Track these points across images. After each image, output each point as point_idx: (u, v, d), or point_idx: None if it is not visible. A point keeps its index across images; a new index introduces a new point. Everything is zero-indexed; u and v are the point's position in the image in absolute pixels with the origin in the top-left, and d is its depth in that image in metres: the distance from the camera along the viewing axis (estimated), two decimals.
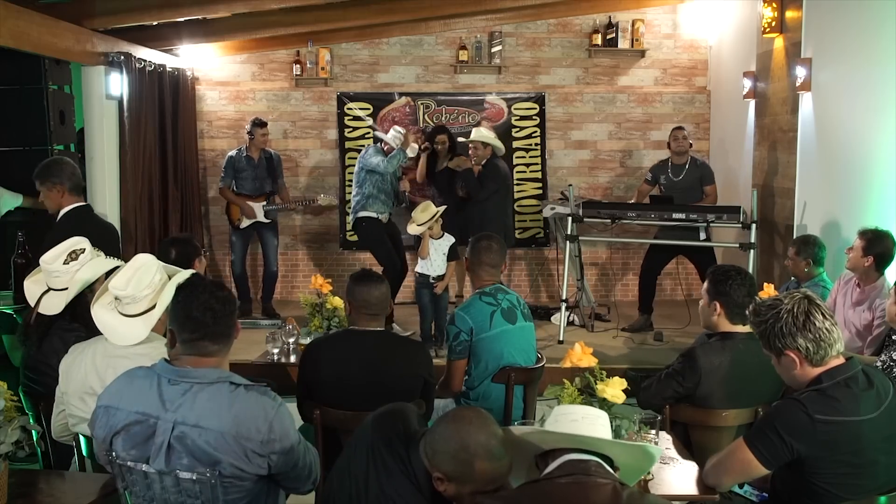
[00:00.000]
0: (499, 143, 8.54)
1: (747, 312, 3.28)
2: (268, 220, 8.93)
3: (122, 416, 2.88)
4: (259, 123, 8.81)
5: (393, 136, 8.29)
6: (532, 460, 2.73)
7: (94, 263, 4.06)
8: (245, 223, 8.85)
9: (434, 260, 7.44)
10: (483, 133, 8.45)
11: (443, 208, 7.55)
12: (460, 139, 8.99)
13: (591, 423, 2.64)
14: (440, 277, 7.47)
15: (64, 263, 4.02)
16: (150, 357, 3.27)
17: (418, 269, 7.57)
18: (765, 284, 5.62)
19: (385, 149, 8.32)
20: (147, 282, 3.62)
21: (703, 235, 7.85)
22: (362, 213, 8.34)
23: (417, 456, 2.70)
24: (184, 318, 2.92)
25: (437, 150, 8.81)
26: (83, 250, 4.08)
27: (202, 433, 2.80)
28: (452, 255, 7.51)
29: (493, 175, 8.45)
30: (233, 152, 8.90)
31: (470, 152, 8.41)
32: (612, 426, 2.85)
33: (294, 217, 10.01)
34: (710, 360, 3.92)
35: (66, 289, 4.00)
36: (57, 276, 4.02)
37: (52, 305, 4.03)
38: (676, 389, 3.96)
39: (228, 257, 9.35)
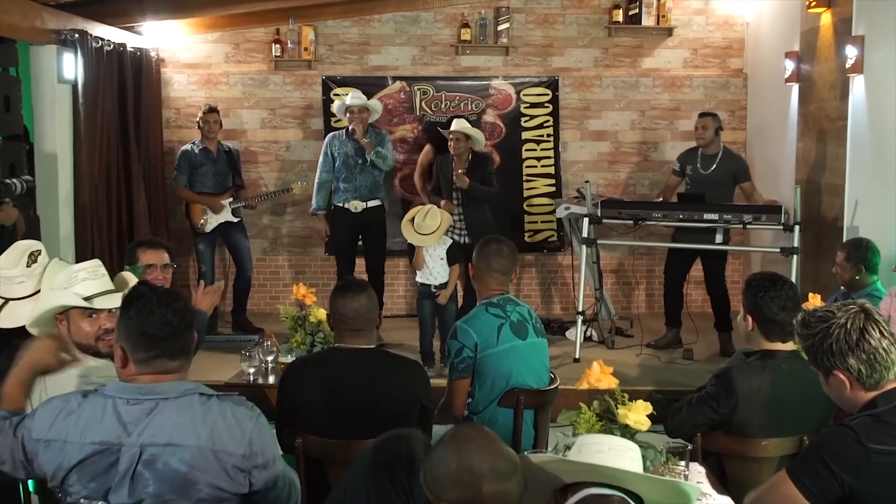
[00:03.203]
0: (480, 136, 8.52)
1: (795, 322, 3.26)
2: (236, 219, 8.95)
3: (75, 451, 2.87)
4: (209, 109, 8.85)
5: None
6: (550, 495, 2.71)
7: (51, 267, 4.09)
8: (211, 225, 8.83)
9: (433, 267, 7.41)
10: (465, 124, 8.37)
11: (449, 218, 7.51)
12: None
13: (619, 455, 2.62)
14: (443, 286, 7.45)
15: (27, 266, 4.04)
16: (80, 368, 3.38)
17: (418, 278, 7.54)
18: (810, 295, 5.60)
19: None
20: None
21: (719, 238, 7.85)
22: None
23: (420, 485, 2.68)
24: (138, 335, 2.92)
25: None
26: (39, 252, 4.11)
27: (176, 451, 2.82)
28: (452, 258, 7.48)
29: (490, 164, 8.60)
30: (187, 147, 8.92)
31: (450, 145, 8.30)
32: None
33: (272, 218, 10.00)
34: (748, 381, 3.91)
35: (34, 293, 4.01)
36: (21, 281, 4.03)
37: (17, 316, 4.02)
38: (710, 415, 3.95)
39: (195, 267, 9.31)
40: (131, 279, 3.98)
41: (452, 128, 8.27)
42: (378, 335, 8.01)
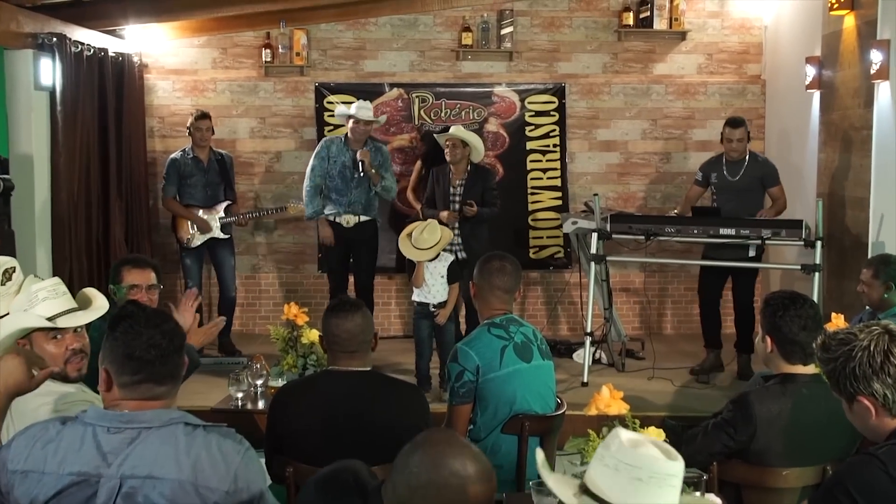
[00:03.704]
0: (479, 144, 8.53)
1: (815, 346, 3.25)
2: (225, 236, 8.94)
3: (52, 482, 2.84)
4: (200, 115, 8.79)
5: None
6: None
7: (25, 285, 4.09)
8: (197, 241, 8.82)
9: (432, 285, 7.41)
10: (463, 130, 8.44)
11: (450, 234, 7.53)
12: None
13: (658, 486, 2.51)
14: (442, 304, 7.45)
15: (1, 285, 4.04)
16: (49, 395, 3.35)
17: (415, 297, 7.54)
18: (833, 315, 5.60)
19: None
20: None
21: (751, 253, 7.83)
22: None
23: None
24: (124, 357, 2.91)
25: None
26: (14, 269, 4.12)
27: (156, 485, 2.80)
28: (454, 276, 7.48)
29: (492, 179, 8.63)
30: (176, 155, 8.89)
31: (447, 151, 8.33)
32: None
33: (261, 233, 10.00)
34: (767, 407, 3.90)
35: (7, 314, 4.01)
36: None
37: None
38: (727, 443, 3.94)
39: (181, 284, 9.30)
40: (95, 295, 3.97)
41: (449, 132, 8.30)
42: None
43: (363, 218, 8.46)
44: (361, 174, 8.28)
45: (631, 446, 2.47)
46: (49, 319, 3.63)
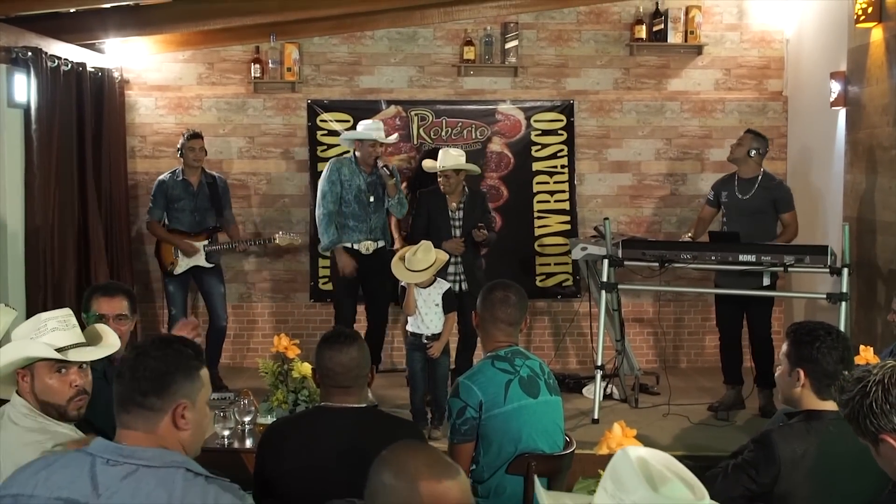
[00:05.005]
0: (473, 166, 8.54)
1: (832, 389, 3.23)
2: (210, 265, 8.94)
3: None
4: (192, 135, 8.80)
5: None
6: None
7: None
8: (181, 267, 8.83)
9: (425, 314, 7.40)
10: (452, 155, 8.32)
11: (445, 257, 7.54)
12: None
13: None
14: (436, 336, 7.44)
15: None
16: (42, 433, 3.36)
17: (408, 327, 7.53)
18: (861, 348, 5.58)
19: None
20: None
21: (767, 281, 7.81)
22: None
23: None
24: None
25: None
26: None
27: None
28: (449, 305, 7.47)
29: (488, 201, 8.75)
30: (164, 176, 8.89)
31: (440, 181, 8.28)
32: None
33: (250, 261, 9.99)
34: (791, 447, 3.88)
35: None
36: None
37: None
38: (748, 485, 3.91)
39: (163, 311, 9.28)
40: (106, 332, 3.97)
41: (441, 163, 8.20)
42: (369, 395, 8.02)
43: (380, 244, 8.45)
44: (374, 198, 8.30)
45: (653, 489, 2.42)
46: (58, 351, 3.62)
